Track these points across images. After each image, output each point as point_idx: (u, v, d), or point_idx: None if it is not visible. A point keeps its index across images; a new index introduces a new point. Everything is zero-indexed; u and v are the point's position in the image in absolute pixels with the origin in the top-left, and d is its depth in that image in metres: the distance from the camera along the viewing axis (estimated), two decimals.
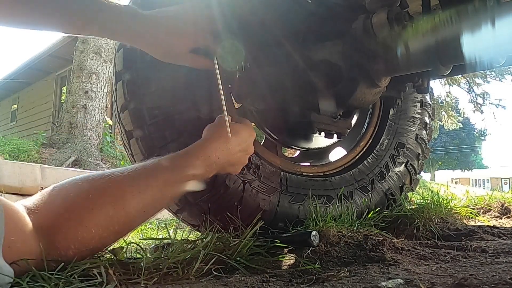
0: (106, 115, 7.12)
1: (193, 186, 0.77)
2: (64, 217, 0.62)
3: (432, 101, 1.50)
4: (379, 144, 1.33)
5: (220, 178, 0.95)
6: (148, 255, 0.71)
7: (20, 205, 0.62)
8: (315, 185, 1.15)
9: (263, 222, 0.89)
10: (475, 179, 35.21)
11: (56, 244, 0.60)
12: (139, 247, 0.75)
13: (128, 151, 1.03)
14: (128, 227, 0.70)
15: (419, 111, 1.42)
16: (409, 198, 1.40)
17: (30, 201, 0.64)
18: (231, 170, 0.86)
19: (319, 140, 1.30)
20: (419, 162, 1.40)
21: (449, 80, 9.68)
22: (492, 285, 0.52)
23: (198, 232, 1.06)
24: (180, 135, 0.93)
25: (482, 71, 8.84)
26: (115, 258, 0.66)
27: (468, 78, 9.93)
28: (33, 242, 0.58)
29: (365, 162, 1.28)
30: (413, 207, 1.22)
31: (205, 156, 0.78)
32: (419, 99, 1.43)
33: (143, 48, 0.81)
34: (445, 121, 9.92)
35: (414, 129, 1.40)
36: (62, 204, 0.64)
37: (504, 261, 0.72)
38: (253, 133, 0.88)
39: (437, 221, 1.15)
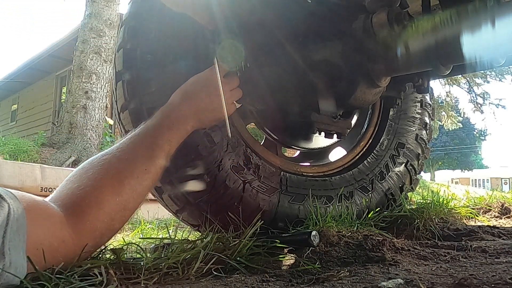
0: (106, 115, 7.11)
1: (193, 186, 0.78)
2: (83, 200, 0.64)
3: (432, 101, 1.50)
4: (379, 144, 1.33)
5: (220, 178, 0.95)
6: (148, 255, 0.71)
7: (45, 200, 0.64)
8: (315, 185, 1.15)
9: (263, 222, 0.89)
10: (475, 179, 35.20)
11: (84, 228, 0.62)
12: (139, 247, 0.75)
13: None
14: (139, 188, 0.72)
15: (419, 111, 1.42)
16: (409, 198, 1.40)
17: (52, 195, 0.66)
18: (211, 118, 0.89)
19: (319, 140, 1.30)
20: (419, 162, 1.40)
21: (449, 80, 9.68)
22: (492, 285, 0.52)
23: (198, 232, 1.05)
24: None
25: (482, 71, 8.84)
26: (115, 258, 0.66)
27: (468, 78, 9.94)
28: (64, 233, 0.60)
29: (365, 162, 1.28)
30: (413, 207, 1.22)
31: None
32: (419, 99, 1.43)
33: None
34: (445, 121, 9.92)
35: (414, 129, 1.40)
36: (76, 190, 0.66)
37: (504, 261, 0.73)
38: (210, 75, 0.88)
39: (437, 221, 1.15)
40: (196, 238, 0.83)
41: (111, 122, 7.23)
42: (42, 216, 0.59)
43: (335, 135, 1.14)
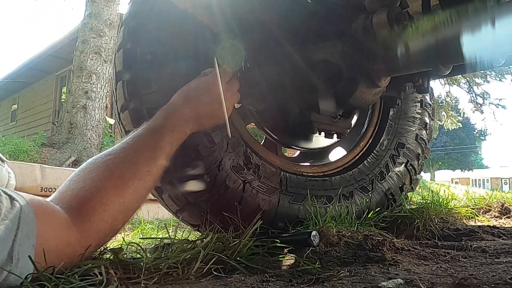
0: (106, 115, 7.11)
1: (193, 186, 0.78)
2: (88, 202, 0.65)
3: (432, 101, 1.50)
4: (379, 144, 1.33)
5: (220, 178, 0.95)
6: (148, 255, 0.71)
7: (49, 202, 0.64)
8: (315, 185, 1.15)
9: (263, 222, 0.89)
10: (475, 179, 35.17)
11: (89, 229, 0.63)
12: (139, 247, 0.76)
13: None
14: (141, 190, 0.73)
15: (419, 111, 1.42)
16: (409, 198, 1.40)
17: (55, 195, 0.67)
18: (211, 122, 0.90)
19: (319, 140, 1.30)
20: (419, 162, 1.40)
21: (449, 80, 9.69)
22: (492, 285, 0.52)
23: (198, 232, 1.06)
24: None
25: (482, 71, 8.84)
26: (115, 258, 0.66)
27: (468, 78, 9.95)
28: (70, 235, 0.60)
29: (365, 162, 1.28)
30: (413, 207, 1.22)
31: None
32: (419, 99, 1.43)
33: None
34: (445, 121, 9.93)
35: (414, 129, 1.40)
36: (81, 191, 0.66)
37: (504, 261, 0.73)
38: (212, 81, 0.89)
39: (437, 221, 1.15)
40: (196, 238, 0.83)
41: (112, 121, 7.22)
42: (50, 220, 0.59)
43: (335, 135, 1.14)
